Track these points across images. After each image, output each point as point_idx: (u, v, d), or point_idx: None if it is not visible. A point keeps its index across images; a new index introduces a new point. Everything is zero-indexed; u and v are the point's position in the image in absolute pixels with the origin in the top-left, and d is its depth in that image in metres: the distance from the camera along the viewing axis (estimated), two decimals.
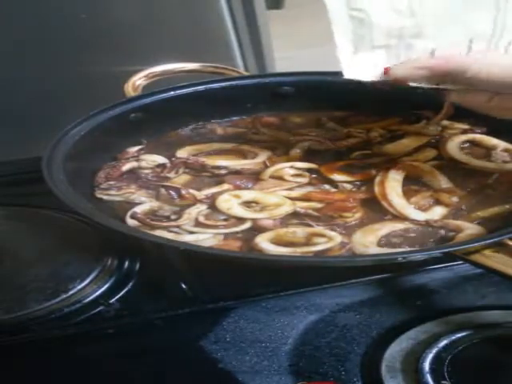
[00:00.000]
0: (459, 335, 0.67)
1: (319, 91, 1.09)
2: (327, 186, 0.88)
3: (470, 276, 0.78)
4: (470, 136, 0.97)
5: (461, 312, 0.72)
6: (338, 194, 0.86)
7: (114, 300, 0.76)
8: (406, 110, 1.04)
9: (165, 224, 0.79)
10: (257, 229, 0.78)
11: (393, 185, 0.85)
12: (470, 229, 0.77)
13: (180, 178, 0.90)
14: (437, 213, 0.81)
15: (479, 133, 0.98)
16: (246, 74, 1.22)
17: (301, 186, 0.88)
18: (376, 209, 0.82)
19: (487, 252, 0.67)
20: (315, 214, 0.81)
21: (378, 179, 0.86)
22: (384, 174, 0.87)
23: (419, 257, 0.73)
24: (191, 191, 0.85)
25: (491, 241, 0.68)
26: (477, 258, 0.66)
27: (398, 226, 0.79)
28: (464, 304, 0.74)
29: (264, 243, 0.75)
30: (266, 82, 1.11)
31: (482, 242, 0.68)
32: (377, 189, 0.84)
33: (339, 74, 1.09)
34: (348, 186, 0.87)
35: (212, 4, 1.32)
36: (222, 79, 1.11)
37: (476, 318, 0.71)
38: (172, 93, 1.05)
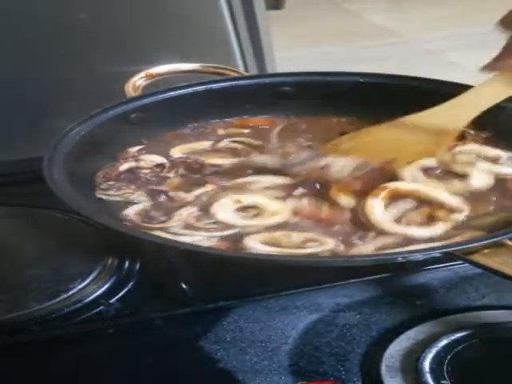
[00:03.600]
0: (459, 335, 0.67)
1: (320, 91, 1.09)
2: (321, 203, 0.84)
3: (470, 276, 0.78)
4: (470, 147, 0.95)
5: (461, 312, 0.72)
6: (327, 212, 0.82)
7: (114, 300, 0.76)
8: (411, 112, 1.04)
9: (156, 226, 0.79)
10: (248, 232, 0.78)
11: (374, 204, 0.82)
12: None
13: (177, 179, 0.90)
14: (440, 228, 0.79)
15: (481, 140, 0.97)
16: (246, 74, 1.22)
17: (297, 196, 0.85)
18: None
19: (487, 252, 0.67)
20: (306, 225, 0.80)
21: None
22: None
23: (419, 257, 0.73)
24: (180, 193, 0.85)
25: (491, 241, 0.68)
26: (476, 257, 0.66)
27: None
28: (464, 304, 0.74)
29: (253, 243, 0.75)
30: (266, 82, 1.11)
31: (482, 242, 0.68)
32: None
33: (340, 74, 1.10)
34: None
35: (212, 4, 1.32)
36: (222, 79, 1.11)
37: (476, 318, 0.71)
38: (172, 93, 1.05)
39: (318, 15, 4.25)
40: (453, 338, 0.67)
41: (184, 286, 0.77)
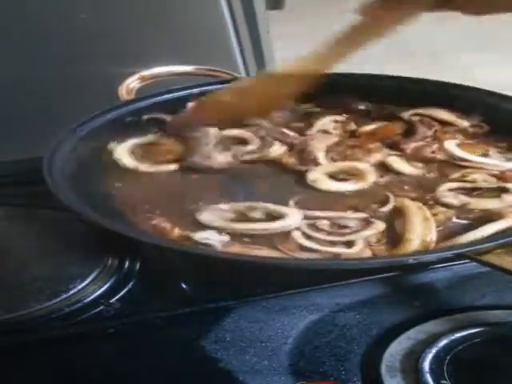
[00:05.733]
0: (459, 335, 0.67)
1: (316, 93, 1.08)
2: None
3: (470, 275, 0.78)
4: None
5: (461, 311, 0.72)
6: None
7: (114, 300, 0.76)
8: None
9: None
10: None
11: None
12: None
13: None
14: None
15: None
16: (240, 76, 1.22)
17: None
18: None
19: (499, 252, 0.67)
20: None
21: None
22: None
23: (431, 258, 0.73)
24: None
25: (504, 241, 0.68)
26: (489, 258, 0.66)
27: None
28: (464, 303, 0.74)
29: None
30: None
31: (495, 243, 0.68)
32: None
33: (338, 74, 1.10)
34: None
35: (212, 4, 1.32)
36: (217, 81, 1.11)
37: (476, 318, 0.71)
38: (168, 95, 1.05)
39: (318, 15, 4.25)
40: (453, 337, 0.67)
41: (184, 285, 0.77)
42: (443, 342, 0.66)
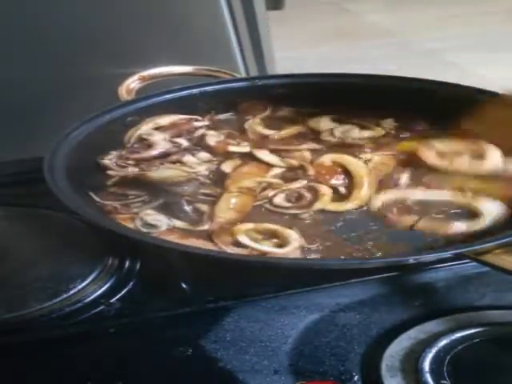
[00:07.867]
0: (459, 335, 0.67)
1: (313, 93, 1.09)
2: None
3: (470, 275, 0.78)
4: None
5: (461, 311, 0.72)
6: None
7: (114, 300, 0.76)
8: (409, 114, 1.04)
9: None
10: None
11: None
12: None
13: None
14: None
15: None
16: (239, 76, 1.22)
17: None
18: None
19: (498, 252, 0.67)
20: None
21: None
22: None
23: (431, 258, 0.73)
24: None
25: (503, 241, 0.68)
26: (488, 258, 0.66)
27: None
28: (464, 304, 0.74)
29: None
30: (259, 84, 1.11)
31: (495, 243, 0.68)
32: None
33: (333, 75, 1.10)
34: None
35: (212, 4, 1.32)
36: (217, 81, 1.11)
37: (476, 318, 0.71)
38: (167, 96, 1.05)
39: (318, 15, 4.26)
40: (453, 337, 0.67)
41: (184, 285, 0.77)
42: (443, 342, 0.66)
